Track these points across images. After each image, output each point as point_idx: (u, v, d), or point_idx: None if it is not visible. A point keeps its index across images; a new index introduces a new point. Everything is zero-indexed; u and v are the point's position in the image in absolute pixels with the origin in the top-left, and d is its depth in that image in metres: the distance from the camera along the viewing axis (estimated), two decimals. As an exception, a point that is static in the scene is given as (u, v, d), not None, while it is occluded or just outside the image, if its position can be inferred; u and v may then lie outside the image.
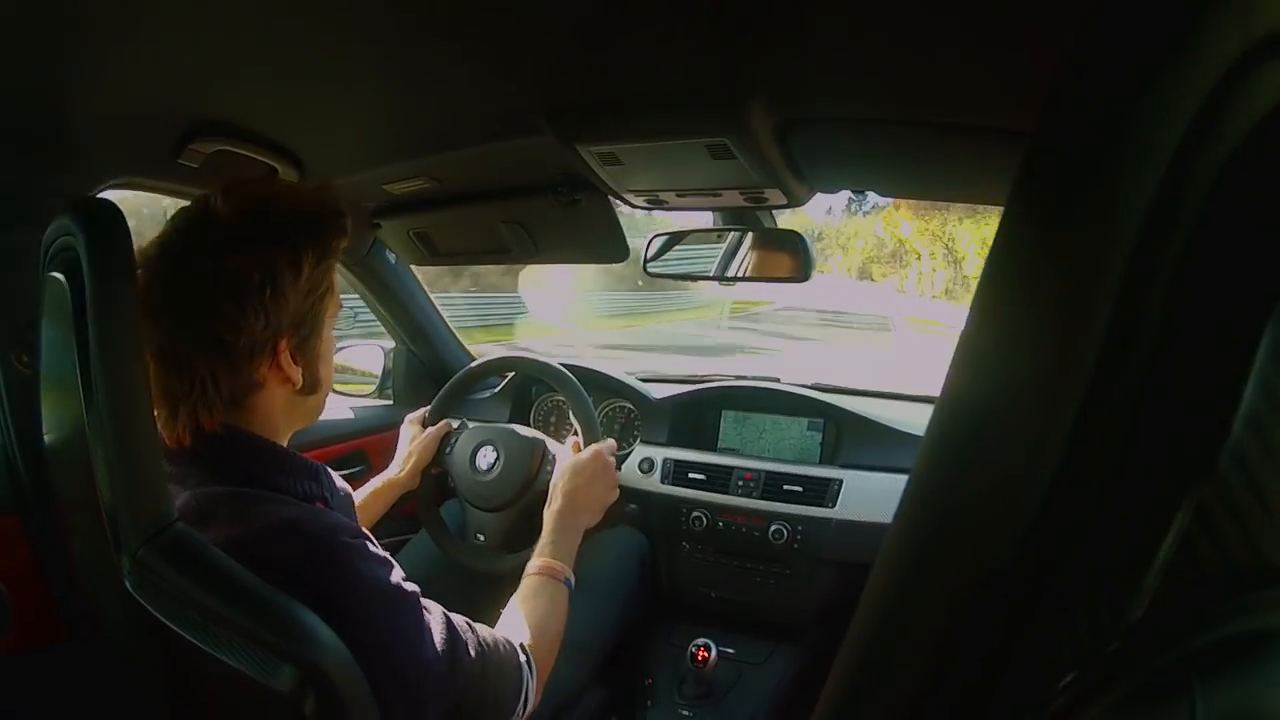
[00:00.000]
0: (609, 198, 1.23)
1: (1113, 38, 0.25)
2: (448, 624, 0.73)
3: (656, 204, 1.19)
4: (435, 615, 0.72)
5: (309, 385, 0.75)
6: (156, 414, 0.67)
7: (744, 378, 1.62)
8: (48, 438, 0.77)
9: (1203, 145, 0.24)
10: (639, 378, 1.67)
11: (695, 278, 1.38)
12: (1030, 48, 0.67)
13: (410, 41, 0.83)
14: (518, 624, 0.86)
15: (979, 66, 0.74)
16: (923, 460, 0.29)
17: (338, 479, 0.81)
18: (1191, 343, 0.25)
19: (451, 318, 1.79)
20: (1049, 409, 0.26)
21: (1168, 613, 0.25)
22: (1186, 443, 0.25)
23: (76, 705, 0.99)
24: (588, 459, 1.12)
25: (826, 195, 1.16)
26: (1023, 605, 0.27)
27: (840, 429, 1.43)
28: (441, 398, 1.37)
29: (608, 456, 1.14)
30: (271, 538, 0.65)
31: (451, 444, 1.30)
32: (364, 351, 1.79)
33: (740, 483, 1.38)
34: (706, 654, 1.24)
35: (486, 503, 1.23)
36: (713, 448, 1.51)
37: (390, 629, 0.67)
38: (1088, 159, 0.25)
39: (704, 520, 1.38)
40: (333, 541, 0.66)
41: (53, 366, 0.71)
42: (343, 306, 0.80)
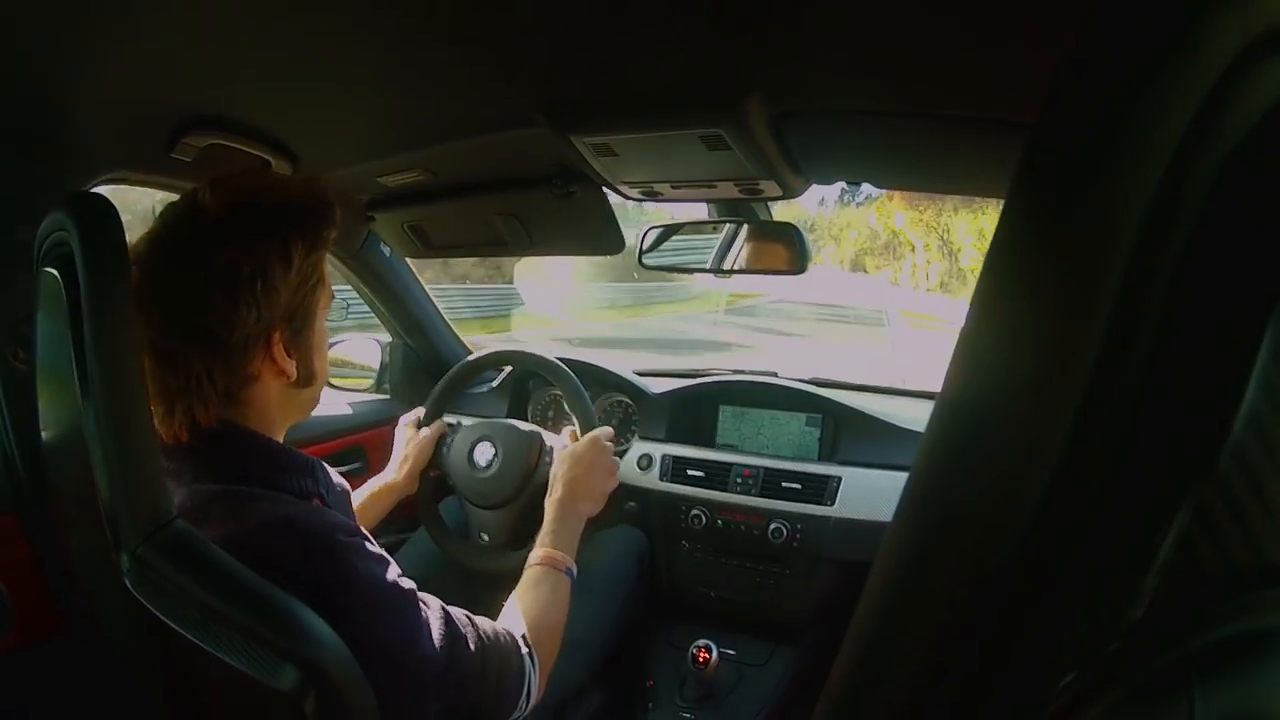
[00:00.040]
0: (604, 189, 1.22)
1: (1112, 34, 0.25)
2: (446, 618, 0.73)
3: (651, 195, 1.19)
4: (434, 610, 0.72)
5: (304, 378, 0.75)
6: (153, 410, 0.67)
7: (741, 372, 1.62)
8: (45, 435, 0.77)
9: (1203, 143, 0.24)
10: (636, 372, 1.67)
11: (691, 270, 1.38)
12: (1029, 40, 0.66)
13: (404, 34, 0.82)
14: (519, 616, 0.86)
15: (977, 59, 0.74)
16: (922, 458, 0.29)
17: (335, 475, 0.81)
18: (1191, 342, 0.25)
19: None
20: (1049, 407, 0.26)
21: (1168, 613, 0.25)
22: (1186, 443, 0.25)
23: (76, 704, 0.99)
24: (586, 446, 1.12)
25: (820, 186, 1.16)
26: (1022, 604, 0.28)
27: (839, 425, 1.43)
28: (437, 394, 1.36)
29: (605, 443, 1.14)
30: (267, 536, 0.64)
31: (448, 444, 1.28)
32: (360, 345, 1.78)
33: (739, 480, 1.38)
34: (708, 655, 1.24)
35: (486, 500, 1.22)
36: (711, 443, 1.51)
37: (388, 626, 0.67)
38: (1088, 157, 0.25)
39: (703, 518, 1.38)
40: (329, 540, 0.66)
41: (49, 362, 0.71)
42: (335, 298, 0.79)
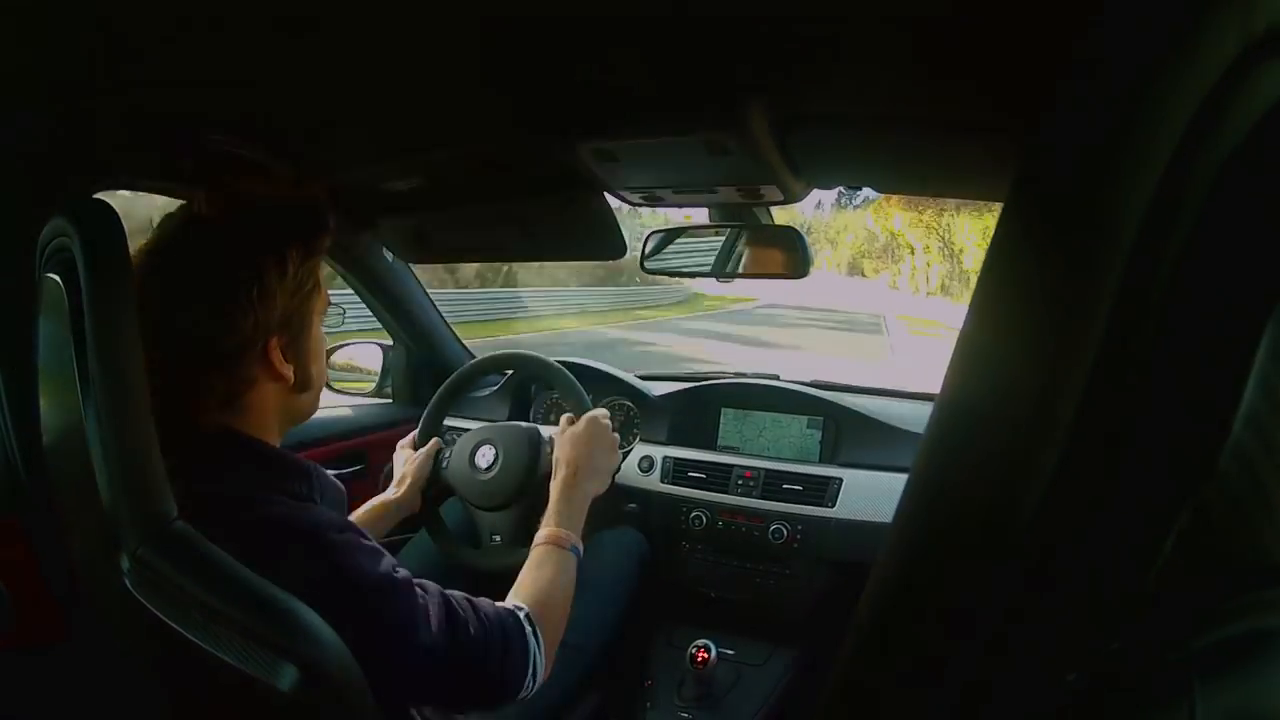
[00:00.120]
0: (606, 194, 1.23)
1: (1113, 36, 0.25)
2: (446, 603, 0.73)
3: (653, 200, 1.19)
4: (432, 596, 0.72)
5: (301, 383, 0.76)
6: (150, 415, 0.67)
7: (744, 375, 1.62)
8: (46, 437, 0.77)
9: (1203, 144, 0.24)
10: (638, 375, 1.67)
11: (692, 274, 1.38)
12: (1029, 44, 0.66)
13: (408, 38, 0.82)
14: (523, 595, 0.87)
15: (979, 62, 0.74)
16: (922, 459, 0.29)
17: (330, 477, 0.81)
18: (1191, 342, 0.25)
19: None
20: (1048, 407, 0.26)
21: (1168, 613, 0.25)
22: (1186, 442, 0.25)
23: (76, 704, 0.99)
24: (582, 426, 1.13)
25: (819, 190, 1.16)
26: (1023, 604, 0.27)
27: (840, 427, 1.43)
28: (431, 410, 1.35)
29: (603, 421, 1.14)
30: (260, 537, 0.65)
31: (446, 457, 1.28)
32: (362, 350, 1.78)
33: (740, 481, 1.38)
34: (706, 655, 1.24)
35: (491, 500, 1.22)
36: (712, 446, 1.51)
37: (384, 618, 0.67)
38: (1088, 158, 0.25)
39: (704, 520, 1.38)
40: (319, 537, 0.67)
41: (50, 366, 0.71)
42: (332, 304, 0.80)
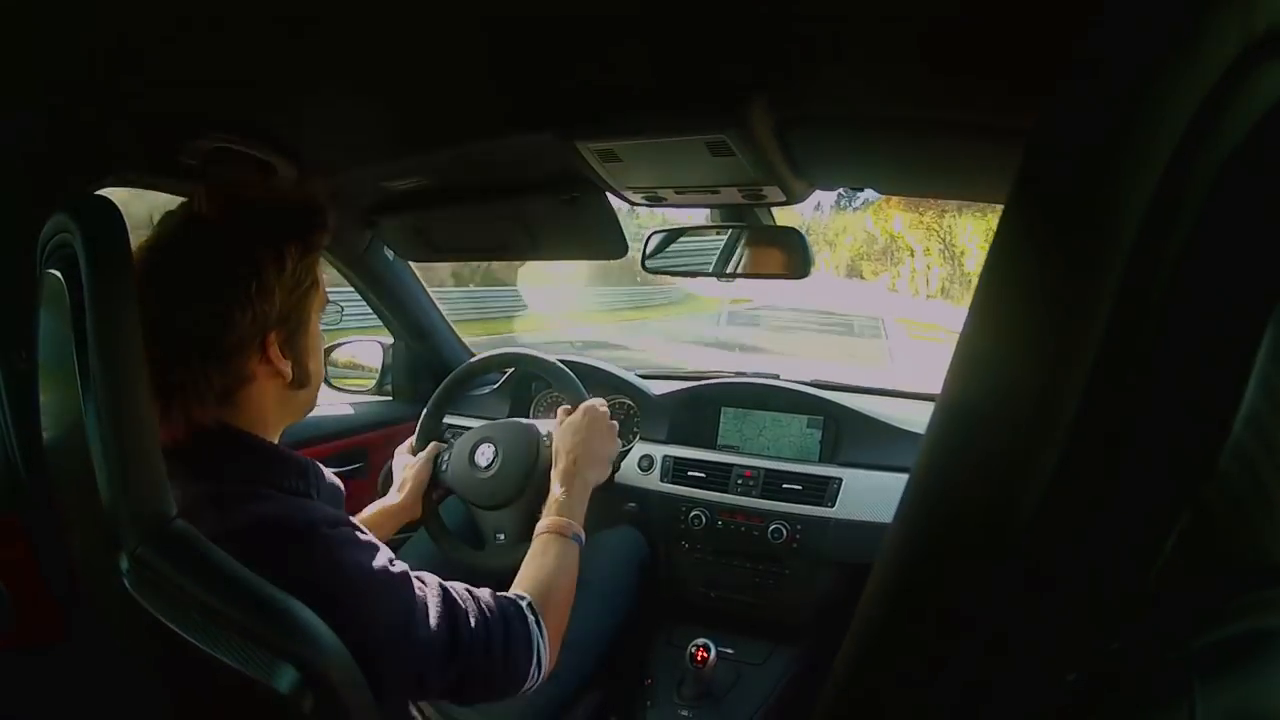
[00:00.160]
0: (607, 194, 1.23)
1: (1114, 36, 0.25)
2: (445, 595, 0.73)
3: (655, 201, 1.19)
4: (431, 588, 0.73)
5: (299, 379, 0.76)
6: None
7: (743, 374, 1.62)
8: (46, 435, 0.77)
9: (1203, 144, 0.24)
10: (639, 374, 1.67)
11: (693, 274, 1.38)
12: (1030, 45, 0.66)
13: (409, 37, 0.82)
14: (525, 584, 0.87)
15: (981, 63, 0.74)
16: (923, 459, 0.29)
17: (329, 474, 0.81)
18: (1191, 343, 0.25)
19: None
20: (1049, 408, 0.26)
21: (1168, 613, 0.25)
22: (1187, 442, 0.25)
23: (76, 704, 0.99)
24: (579, 415, 1.13)
25: (819, 191, 1.16)
26: (1023, 604, 0.27)
27: (840, 426, 1.43)
28: (428, 412, 1.35)
29: (600, 409, 1.14)
30: (253, 534, 0.65)
31: (446, 459, 1.28)
32: (363, 348, 1.78)
33: (740, 481, 1.38)
34: (706, 654, 1.24)
35: (493, 499, 1.22)
36: (712, 445, 1.51)
37: (383, 610, 0.67)
38: (1088, 158, 0.25)
39: (703, 519, 1.38)
40: (314, 532, 0.67)
41: (51, 363, 0.71)
42: (330, 301, 0.80)
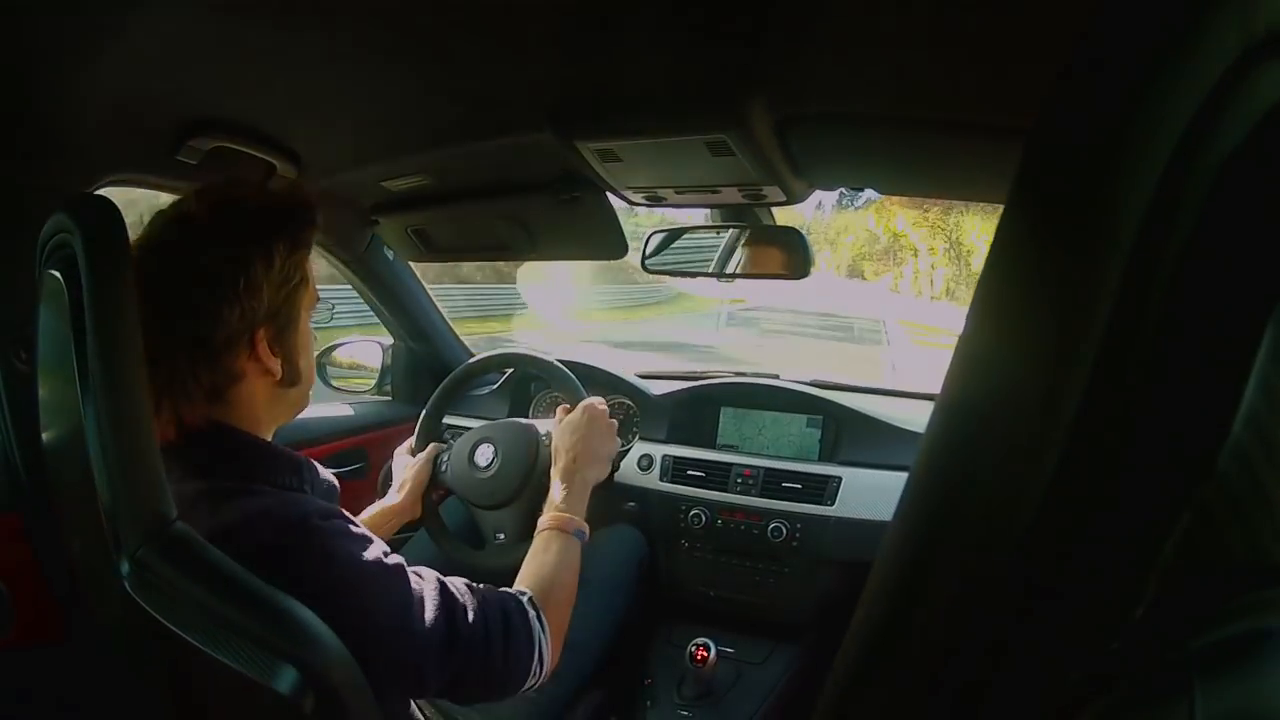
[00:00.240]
0: (607, 194, 1.23)
1: (1113, 36, 0.25)
2: (443, 589, 0.73)
3: (655, 201, 1.19)
4: (429, 582, 0.72)
5: (289, 377, 0.76)
6: None
7: (743, 374, 1.62)
8: (46, 436, 0.77)
9: (1202, 144, 0.24)
10: (638, 374, 1.67)
11: (693, 274, 1.38)
12: (1029, 45, 0.66)
13: (409, 38, 0.83)
14: (526, 580, 0.86)
15: (980, 63, 0.74)
16: (923, 458, 0.29)
17: (323, 471, 0.81)
18: (1191, 342, 0.25)
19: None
20: (1049, 408, 0.26)
21: (1168, 613, 0.25)
22: (1186, 442, 0.25)
23: (76, 705, 0.99)
24: (577, 414, 1.13)
25: (820, 191, 1.16)
26: (1023, 604, 0.27)
27: (840, 426, 1.43)
28: (428, 413, 1.35)
29: (599, 408, 1.14)
30: (245, 529, 0.65)
31: (446, 459, 1.28)
32: (363, 348, 1.78)
33: (739, 480, 1.38)
34: (706, 653, 1.23)
35: (493, 498, 1.22)
36: (712, 444, 1.51)
37: (378, 603, 0.67)
38: (1088, 157, 0.25)
39: (703, 518, 1.38)
40: (305, 525, 0.66)
41: (51, 363, 0.71)
42: (320, 300, 0.80)
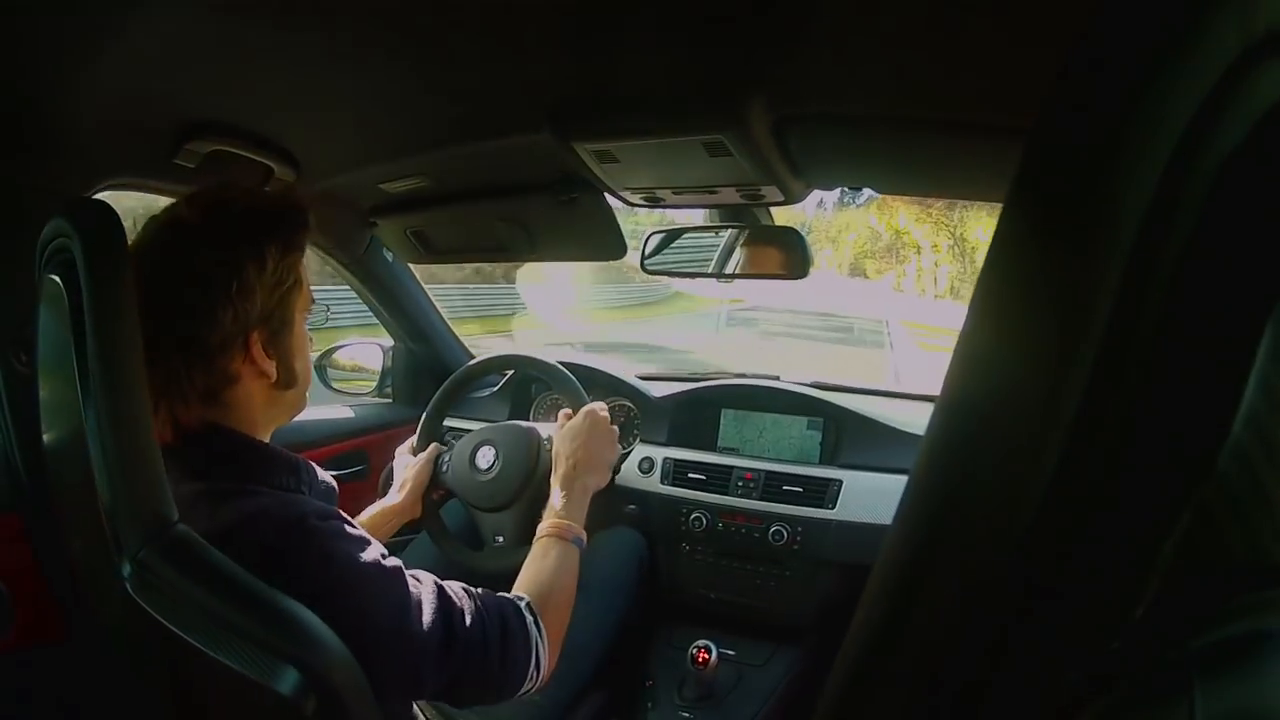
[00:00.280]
0: (606, 195, 1.23)
1: (1113, 36, 0.25)
2: (440, 593, 0.73)
3: (653, 201, 1.19)
4: (426, 585, 0.72)
5: (284, 379, 0.76)
6: None
7: (744, 376, 1.62)
8: (46, 438, 0.77)
9: (1203, 144, 0.24)
10: (639, 376, 1.67)
11: (692, 275, 1.38)
12: (1028, 44, 0.66)
13: (407, 39, 0.83)
14: (524, 586, 0.86)
15: (980, 63, 0.74)
16: (923, 460, 0.29)
17: (321, 473, 0.81)
18: (1191, 342, 0.25)
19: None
20: (1049, 407, 0.26)
21: (1168, 613, 0.25)
22: (1186, 443, 0.25)
23: (77, 705, 0.99)
24: (579, 420, 1.13)
25: (820, 190, 1.16)
26: (1023, 604, 0.27)
27: (840, 428, 1.43)
28: (429, 414, 1.35)
29: (600, 414, 1.14)
30: (243, 530, 0.65)
31: (446, 460, 1.28)
32: (363, 350, 1.78)
33: (740, 483, 1.38)
34: (707, 656, 1.23)
35: (493, 501, 1.22)
36: (712, 447, 1.51)
37: (373, 605, 0.67)
38: (1088, 157, 0.25)
39: (704, 521, 1.38)
40: (302, 525, 0.66)
41: (51, 366, 0.71)
42: (315, 302, 0.80)
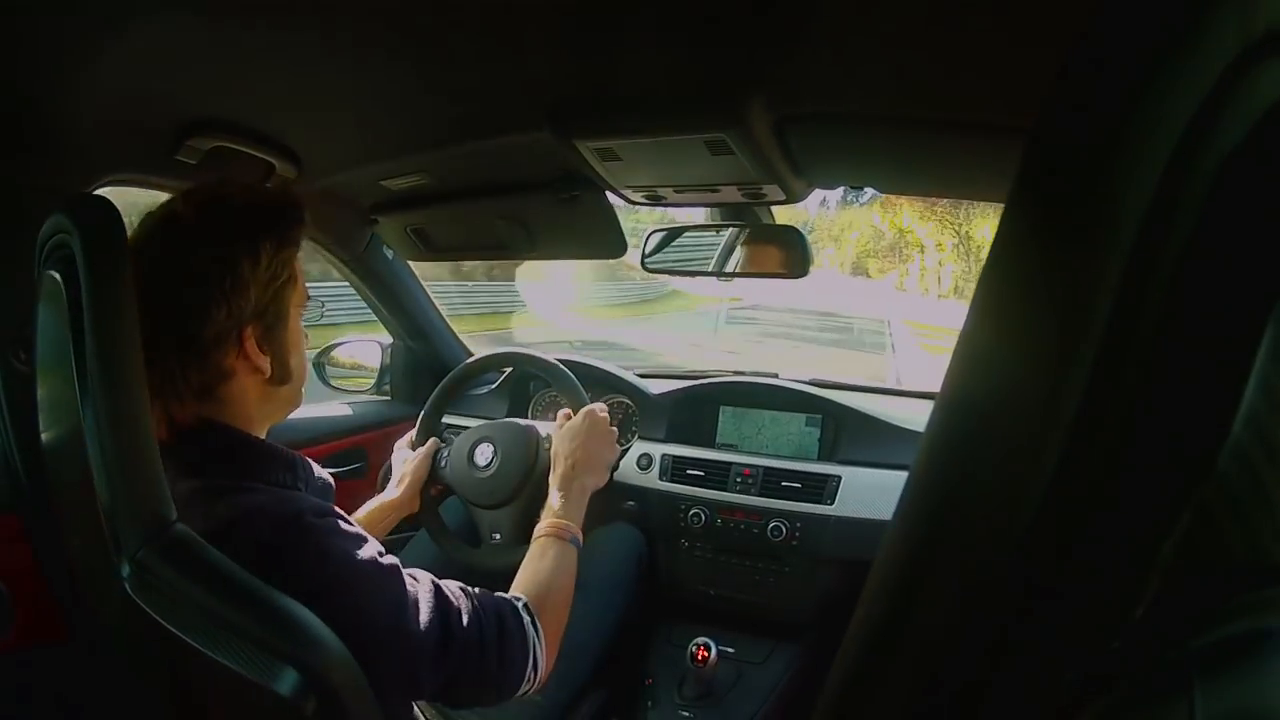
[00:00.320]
0: (606, 193, 1.23)
1: (1113, 35, 0.25)
2: (437, 592, 0.73)
3: (654, 200, 1.19)
4: (423, 584, 0.72)
5: (279, 375, 0.76)
6: None
7: (742, 373, 1.62)
8: (45, 437, 0.77)
9: (1202, 144, 0.24)
10: (637, 373, 1.67)
11: (693, 274, 1.38)
12: (1030, 44, 0.66)
13: (408, 37, 0.82)
14: (522, 586, 0.87)
15: (980, 63, 0.74)
16: (923, 458, 0.29)
17: (318, 470, 0.81)
18: (1191, 342, 0.25)
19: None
20: (1048, 407, 0.26)
21: (1168, 613, 0.25)
22: (1186, 443, 0.25)
23: (77, 705, 0.99)
24: (579, 420, 1.13)
25: (822, 189, 1.16)
26: (1023, 603, 0.27)
27: (839, 425, 1.43)
28: (428, 410, 1.35)
29: (599, 414, 1.15)
30: (239, 527, 0.65)
31: (445, 456, 1.28)
32: (362, 348, 1.78)
33: (739, 479, 1.38)
34: (706, 653, 1.24)
35: (491, 498, 1.22)
36: (711, 444, 1.51)
37: (370, 603, 0.67)
38: (1088, 157, 0.25)
39: (702, 517, 1.38)
40: (299, 522, 0.66)
41: (50, 364, 0.71)
42: (310, 298, 0.80)
